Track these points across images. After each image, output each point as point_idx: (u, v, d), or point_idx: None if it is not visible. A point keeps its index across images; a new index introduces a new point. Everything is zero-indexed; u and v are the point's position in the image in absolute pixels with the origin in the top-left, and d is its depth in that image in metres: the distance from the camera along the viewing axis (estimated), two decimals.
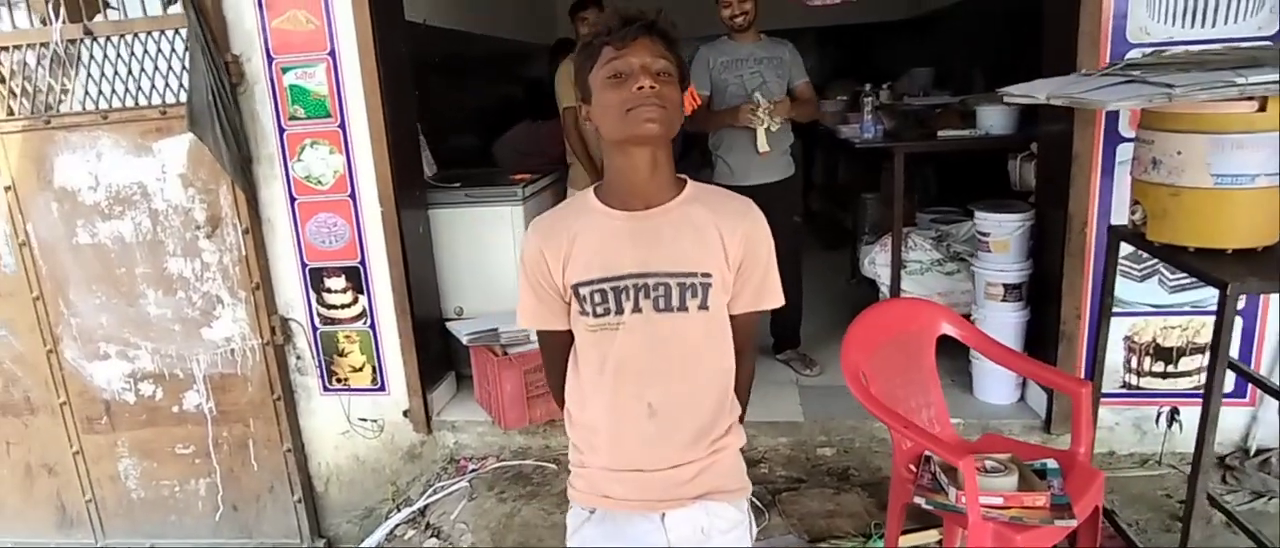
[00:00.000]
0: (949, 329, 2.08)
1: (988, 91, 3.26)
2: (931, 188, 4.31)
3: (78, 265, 2.90)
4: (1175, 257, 1.70)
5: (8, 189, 2.83)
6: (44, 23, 2.64)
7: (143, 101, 2.69)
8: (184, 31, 2.55)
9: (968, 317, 2.80)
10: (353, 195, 2.72)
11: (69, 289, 2.94)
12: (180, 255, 2.83)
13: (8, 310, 3.00)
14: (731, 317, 1.17)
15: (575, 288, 1.13)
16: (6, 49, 2.69)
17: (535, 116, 4.28)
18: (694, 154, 3.42)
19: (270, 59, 2.60)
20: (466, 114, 4.38)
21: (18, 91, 2.72)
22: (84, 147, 2.75)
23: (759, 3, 2.94)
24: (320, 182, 2.74)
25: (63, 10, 2.58)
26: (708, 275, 1.11)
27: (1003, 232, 2.61)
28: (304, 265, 2.84)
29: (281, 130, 2.69)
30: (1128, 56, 2.06)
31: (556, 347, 1.23)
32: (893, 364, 2.09)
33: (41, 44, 2.65)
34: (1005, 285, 2.65)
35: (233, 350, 2.91)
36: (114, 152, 2.75)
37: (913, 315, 2.09)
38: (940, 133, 3.11)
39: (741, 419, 1.24)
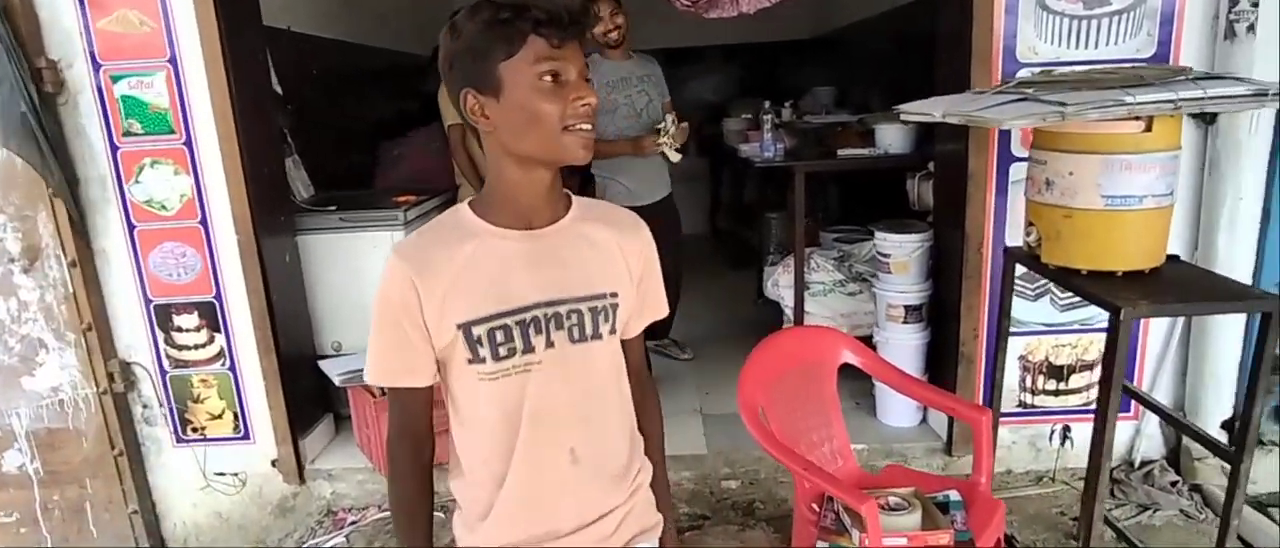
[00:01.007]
0: (850, 357, 1.99)
1: (886, 111, 3.25)
2: (833, 207, 4.32)
3: None
4: (1068, 280, 1.66)
5: None
6: None
7: None
8: None
9: (870, 339, 2.76)
10: (204, 221, 2.42)
11: None
12: None
13: None
14: (624, 340, 1.08)
15: (465, 328, 0.94)
16: None
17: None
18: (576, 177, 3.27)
19: (97, 66, 2.28)
20: (353, 132, 4.07)
21: None
22: None
23: (630, 20, 2.94)
24: (164, 206, 2.42)
25: None
26: (615, 295, 1.01)
27: (902, 252, 2.57)
28: (148, 302, 2.51)
29: (114, 148, 2.36)
30: (1018, 75, 2.05)
31: (414, 410, 1.03)
32: (793, 395, 1.99)
33: None
34: (906, 307, 2.61)
35: (62, 402, 2.53)
36: None
37: (812, 345, 2.00)
38: (840, 152, 3.07)
39: (662, 451, 1.18)
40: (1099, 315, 2.23)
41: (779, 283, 3.20)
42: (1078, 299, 2.24)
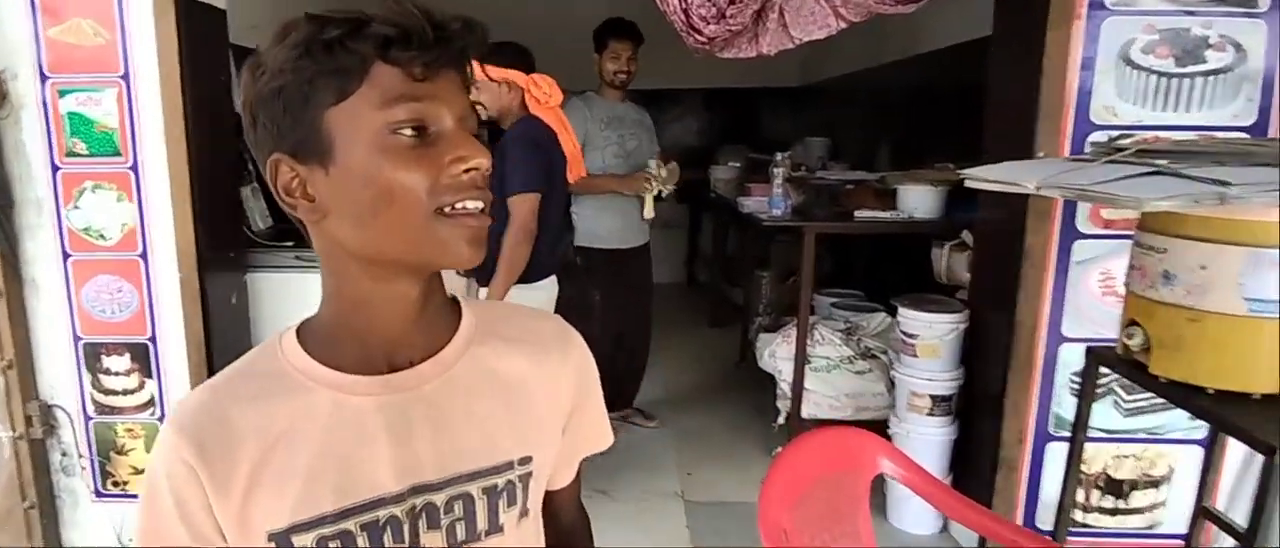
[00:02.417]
0: (889, 468, 1.62)
1: (900, 169, 2.96)
2: (826, 265, 4.02)
3: None
4: (1189, 399, 1.32)
5: None
6: None
7: None
8: None
9: (883, 427, 2.41)
10: (144, 255, 2.10)
11: None
12: None
13: None
14: (553, 493, 0.76)
15: (281, 537, 0.60)
16: None
17: None
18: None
19: (44, 78, 1.99)
20: None
21: None
22: None
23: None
24: (103, 236, 2.07)
25: None
26: (528, 462, 0.67)
27: (932, 334, 2.23)
28: (77, 339, 2.13)
29: (55, 168, 2.04)
30: (1091, 138, 1.76)
31: None
32: (819, 512, 1.61)
33: None
34: (932, 397, 2.27)
35: None
36: None
37: (844, 452, 1.62)
38: (858, 213, 2.74)
39: None
40: (1173, 424, 1.92)
41: (776, 354, 2.85)
42: (1147, 403, 1.92)
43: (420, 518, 0.63)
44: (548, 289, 2.28)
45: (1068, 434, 1.85)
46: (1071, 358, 1.93)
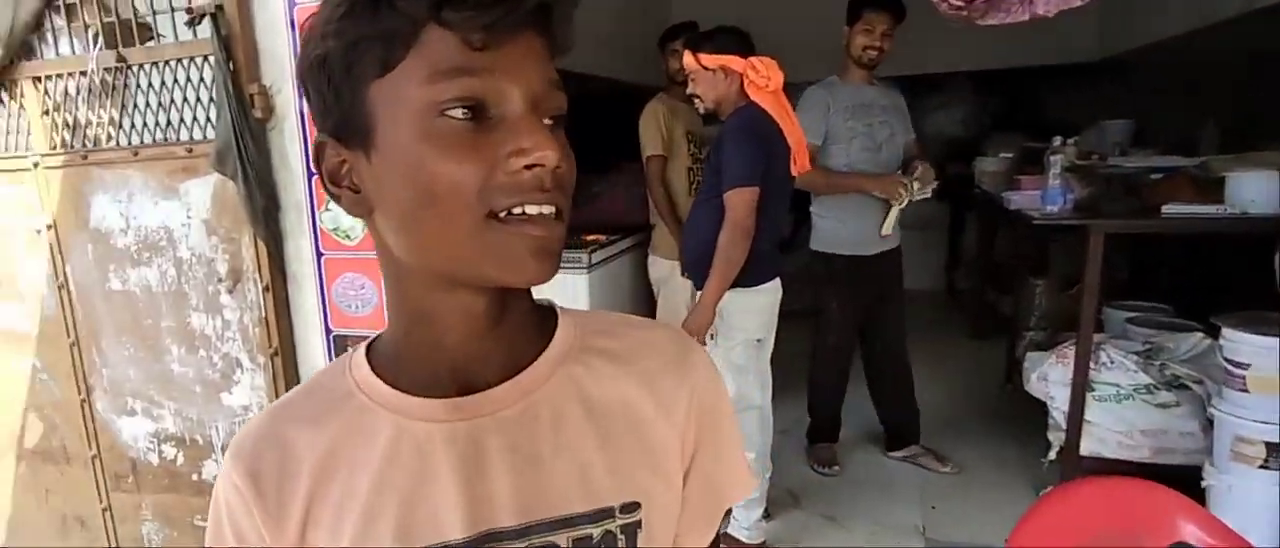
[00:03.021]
0: (1194, 538, 1.28)
1: (1232, 153, 2.35)
2: (1119, 272, 3.35)
3: (109, 313, 2.68)
4: None
5: (49, 227, 2.65)
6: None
7: (171, 137, 2.42)
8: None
9: (1193, 479, 1.93)
10: None
11: (101, 337, 2.72)
12: (202, 310, 2.53)
13: (48, 354, 2.83)
14: None
15: None
16: (50, 78, 2.53)
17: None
18: (806, 226, 2.79)
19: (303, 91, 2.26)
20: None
21: (61, 124, 2.54)
22: (117, 185, 2.52)
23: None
24: (349, 236, 2.35)
25: (101, 38, 2.36)
26: (634, 508, 0.54)
27: (1270, 364, 1.74)
28: (328, 332, 2.45)
29: (310, 174, 2.33)
30: None
31: None
32: None
33: (81, 73, 2.45)
34: (1268, 444, 1.77)
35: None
36: (144, 192, 2.50)
37: (1131, 510, 1.32)
38: (1166, 208, 2.22)
39: None
40: None
41: (1048, 378, 2.43)
42: None
43: None
44: (770, 294, 2.17)
45: None
46: None
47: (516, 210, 0.48)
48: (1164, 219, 2.23)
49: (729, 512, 2.29)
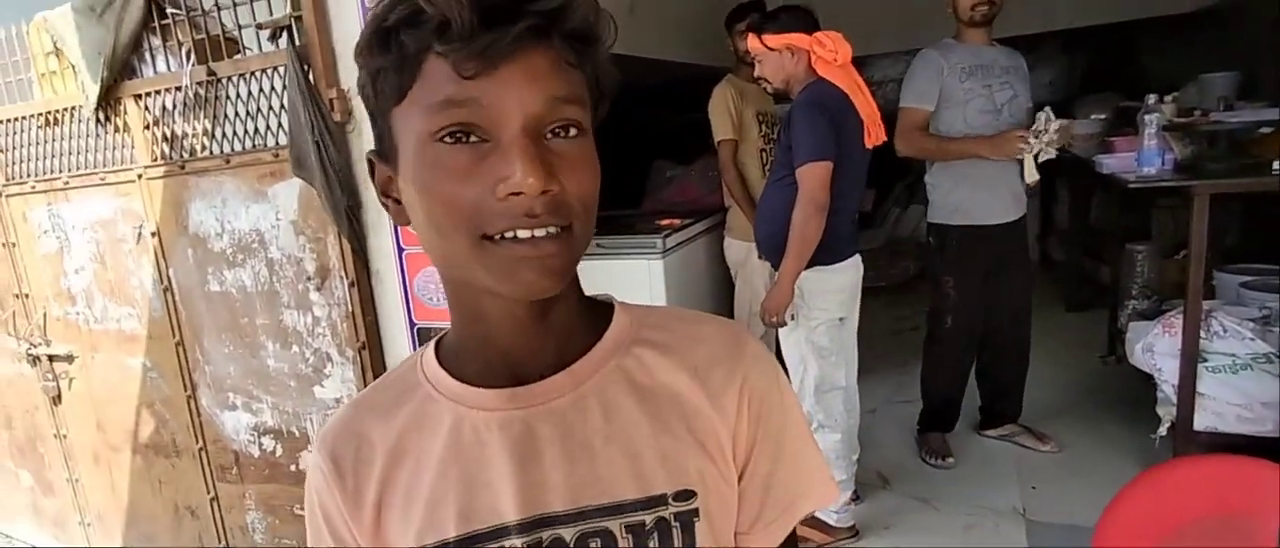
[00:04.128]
0: None
1: None
2: (1234, 236, 3.12)
3: (209, 313, 2.83)
4: None
5: (154, 234, 2.82)
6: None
7: (259, 144, 2.53)
8: None
9: None
10: None
11: (203, 336, 2.88)
12: (294, 308, 2.64)
13: (156, 353, 3.02)
14: None
15: None
16: (150, 95, 2.68)
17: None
18: (888, 201, 2.70)
19: None
20: (630, 150, 3.93)
21: (160, 137, 2.69)
22: (211, 192, 2.66)
23: None
24: None
25: (193, 55, 2.49)
26: (688, 496, 0.55)
27: None
28: (412, 325, 2.52)
29: None
30: None
31: None
32: None
33: (176, 88, 2.59)
34: None
35: None
36: (236, 197, 2.63)
37: (1239, 489, 1.22)
38: (1278, 164, 2.05)
39: None
40: None
41: (1155, 349, 2.28)
42: None
43: None
44: (850, 271, 2.11)
45: None
46: None
47: (508, 235, 0.50)
48: (1276, 176, 2.06)
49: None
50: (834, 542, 2.24)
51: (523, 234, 0.50)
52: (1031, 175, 2.38)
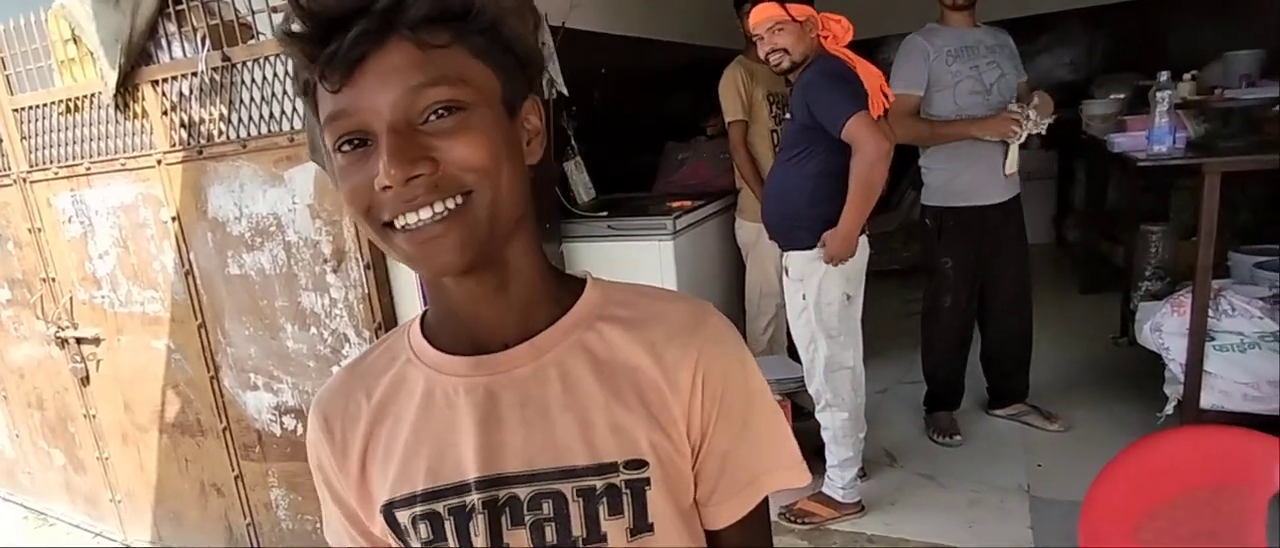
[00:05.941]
0: None
1: None
2: (1247, 216, 3.08)
3: (230, 296, 2.90)
4: None
5: (174, 219, 2.88)
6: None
7: (275, 128, 2.58)
8: None
9: None
10: None
11: (224, 318, 2.95)
12: (311, 290, 2.70)
13: (180, 336, 3.09)
14: (714, 535, 0.64)
15: (387, 512, 0.62)
16: (167, 80, 2.72)
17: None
18: (903, 184, 2.70)
19: None
20: (642, 132, 3.94)
21: (178, 122, 2.74)
22: (229, 177, 2.71)
23: None
24: None
25: (208, 40, 2.53)
26: (640, 466, 0.58)
27: None
28: (426, 304, 2.58)
29: None
30: None
31: None
32: (1187, 534, 1.24)
33: (192, 74, 2.63)
34: None
35: None
36: (253, 181, 2.68)
37: (1226, 460, 1.23)
38: None
39: None
40: None
41: (1163, 328, 2.27)
42: None
43: (503, 513, 0.59)
44: (857, 252, 2.12)
45: None
46: None
47: (399, 222, 0.54)
48: None
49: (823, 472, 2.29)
50: (840, 516, 2.27)
51: (411, 220, 0.53)
52: (1012, 166, 2.40)
